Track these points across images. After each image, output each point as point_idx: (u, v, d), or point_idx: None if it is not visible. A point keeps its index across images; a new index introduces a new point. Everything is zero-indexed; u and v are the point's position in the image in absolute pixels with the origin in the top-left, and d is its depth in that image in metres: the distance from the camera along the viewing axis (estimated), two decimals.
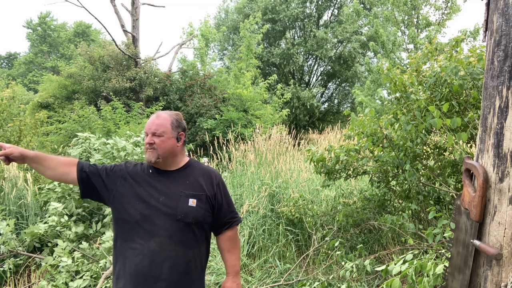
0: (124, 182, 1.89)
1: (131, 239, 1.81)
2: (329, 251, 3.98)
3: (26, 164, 6.17)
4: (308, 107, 18.50)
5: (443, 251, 2.62)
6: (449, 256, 1.60)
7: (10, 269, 3.86)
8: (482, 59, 2.84)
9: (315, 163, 4.01)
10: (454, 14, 15.56)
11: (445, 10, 15.49)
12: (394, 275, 2.26)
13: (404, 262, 2.29)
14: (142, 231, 1.80)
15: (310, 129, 16.58)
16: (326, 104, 22.98)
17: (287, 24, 20.36)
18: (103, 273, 3.52)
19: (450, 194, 3.46)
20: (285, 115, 13.10)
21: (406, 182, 3.58)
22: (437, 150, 3.55)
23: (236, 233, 2.07)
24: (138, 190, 1.86)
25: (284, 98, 14.15)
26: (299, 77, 21.93)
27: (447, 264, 1.71)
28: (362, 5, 17.71)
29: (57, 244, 3.94)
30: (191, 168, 1.97)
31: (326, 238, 4.17)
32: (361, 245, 3.46)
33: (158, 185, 1.87)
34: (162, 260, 1.78)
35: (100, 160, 4.66)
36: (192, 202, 1.86)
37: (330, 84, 22.97)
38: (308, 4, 20.33)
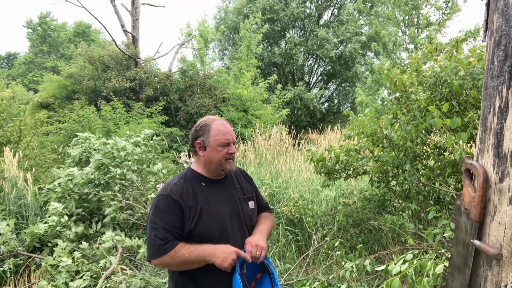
0: (189, 214, 1.71)
1: None
2: (329, 251, 3.98)
3: (26, 164, 6.18)
4: (312, 108, 18.47)
5: (443, 251, 2.62)
6: (449, 256, 1.59)
7: (10, 269, 3.86)
8: (482, 59, 2.84)
9: (315, 163, 4.00)
10: (454, 14, 15.58)
11: (445, 10, 15.52)
12: (394, 275, 2.25)
13: (404, 262, 2.29)
14: None
15: (310, 129, 16.58)
16: (326, 104, 22.97)
17: (287, 23, 20.35)
18: (103, 273, 3.52)
19: (450, 194, 3.46)
20: (285, 115, 13.08)
21: (406, 182, 3.58)
22: (437, 150, 3.54)
23: (270, 215, 2.09)
24: (204, 210, 1.74)
25: (284, 98, 14.14)
26: (300, 77, 21.92)
27: (447, 264, 1.71)
28: (363, 4, 17.70)
29: (57, 244, 3.94)
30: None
31: (326, 238, 4.16)
32: (361, 245, 3.46)
33: (220, 197, 1.83)
34: None
35: (100, 160, 4.65)
36: (251, 204, 1.93)
37: (330, 84, 22.96)
38: (308, 3, 20.32)
